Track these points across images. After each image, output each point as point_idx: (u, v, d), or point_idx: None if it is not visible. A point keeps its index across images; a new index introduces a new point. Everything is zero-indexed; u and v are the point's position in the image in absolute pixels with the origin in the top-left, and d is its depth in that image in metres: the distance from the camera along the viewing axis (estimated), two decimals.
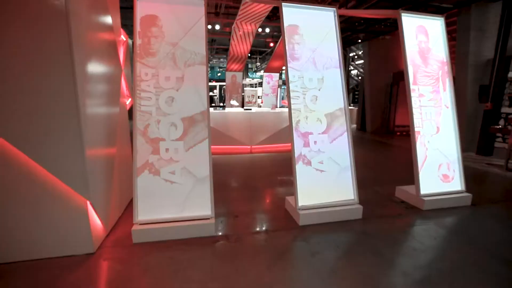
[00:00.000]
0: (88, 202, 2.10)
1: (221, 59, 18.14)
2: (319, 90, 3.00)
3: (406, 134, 9.54)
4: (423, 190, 3.17)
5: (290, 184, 2.73)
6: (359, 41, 10.09)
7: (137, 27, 2.59)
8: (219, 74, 21.25)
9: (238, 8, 5.50)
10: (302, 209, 2.79)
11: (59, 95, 1.93)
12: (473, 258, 2.23)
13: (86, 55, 2.14)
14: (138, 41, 2.56)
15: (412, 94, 3.23)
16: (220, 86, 18.43)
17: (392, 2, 6.13)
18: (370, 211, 3.03)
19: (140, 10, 2.62)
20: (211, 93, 18.14)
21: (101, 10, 2.52)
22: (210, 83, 19.15)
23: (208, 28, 9.17)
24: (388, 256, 2.25)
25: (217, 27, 9.05)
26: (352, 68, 14.15)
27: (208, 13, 8.15)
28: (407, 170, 4.76)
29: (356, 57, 14.08)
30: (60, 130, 1.97)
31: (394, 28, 8.14)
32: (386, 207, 3.25)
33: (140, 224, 2.45)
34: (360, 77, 13.59)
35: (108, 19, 2.64)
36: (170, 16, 2.66)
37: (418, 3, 6.11)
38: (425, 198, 3.12)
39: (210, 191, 2.61)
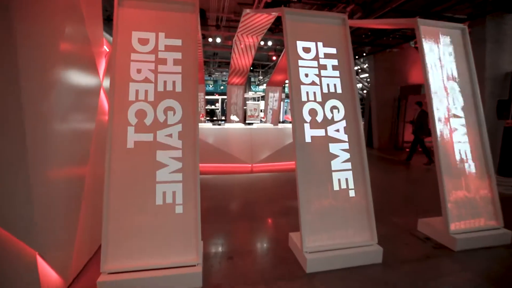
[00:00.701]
0: (36, 254, 1.64)
1: (224, 73, 18.03)
2: (329, 106, 2.59)
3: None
4: (455, 226, 2.66)
5: (295, 211, 2.30)
6: (364, 54, 9.78)
7: (117, 36, 2.26)
8: (221, 87, 21.15)
9: (239, 20, 5.21)
10: (310, 252, 2.30)
11: None
12: None
13: (45, 66, 1.76)
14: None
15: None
16: (223, 100, 18.23)
17: (401, 13, 5.80)
18: (390, 252, 2.51)
19: (122, 18, 2.30)
20: (213, 107, 17.96)
21: (73, 20, 2.13)
22: (212, 97, 19.11)
23: (209, 41, 8.99)
24: None
25: (218, 40, 8.83)
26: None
27: (209, 26, 7.98)
28: (425, 193, 4.24)
29: (360, 70, 13.80)
30: None
31: (403, 41, 7.81)
32: (409, 247, 2.72)
33: (109, 273, 1.98)
34: (365, 91, 13.25)
35: (82, 29, 2.26)
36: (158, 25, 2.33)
37: (429, 14, 5.78)
38: (457, 236, 2.60)
39: (197, 232, 2.14)
